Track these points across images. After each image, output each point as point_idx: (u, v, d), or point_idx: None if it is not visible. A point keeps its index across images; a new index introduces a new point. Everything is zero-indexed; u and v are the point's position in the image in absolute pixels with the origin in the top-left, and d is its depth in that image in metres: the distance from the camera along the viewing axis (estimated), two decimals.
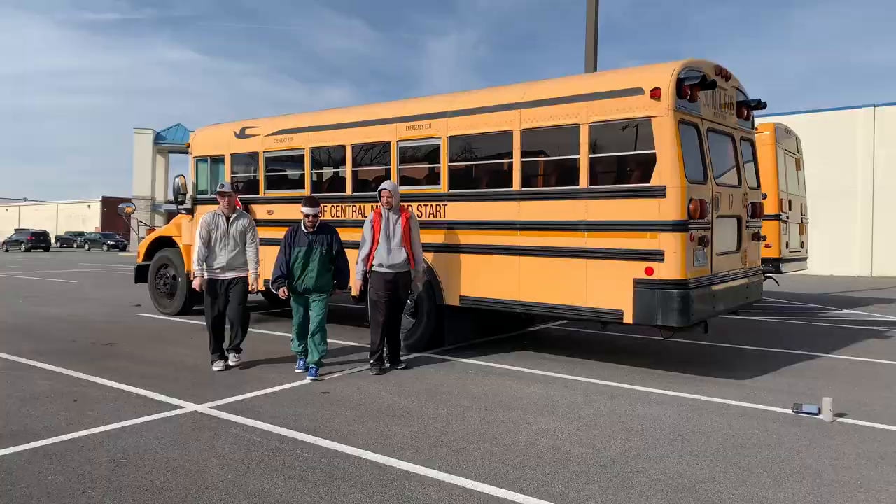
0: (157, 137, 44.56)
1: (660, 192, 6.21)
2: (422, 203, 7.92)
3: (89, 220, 71.06)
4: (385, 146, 8.32)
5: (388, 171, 8.30)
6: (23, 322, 10.27)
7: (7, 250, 48.95)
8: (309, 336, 6.67)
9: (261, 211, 9.70)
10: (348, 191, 8.70)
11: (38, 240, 49.69)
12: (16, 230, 55.56)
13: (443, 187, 7.78)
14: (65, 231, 65.95)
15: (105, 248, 51.75)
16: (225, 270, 6.94)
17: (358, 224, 7.91)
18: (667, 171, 6.18)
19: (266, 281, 8.42)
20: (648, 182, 6.32)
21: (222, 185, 7.02)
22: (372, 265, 6.86)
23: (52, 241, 55.34)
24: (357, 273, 6.94)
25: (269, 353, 7.84)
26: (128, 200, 38.93)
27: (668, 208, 6.19)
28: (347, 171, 8.71)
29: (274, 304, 12.09)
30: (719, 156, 7.09)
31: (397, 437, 4.81)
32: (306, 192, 9.09)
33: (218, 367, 6.88)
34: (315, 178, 9.31)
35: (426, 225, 7.78)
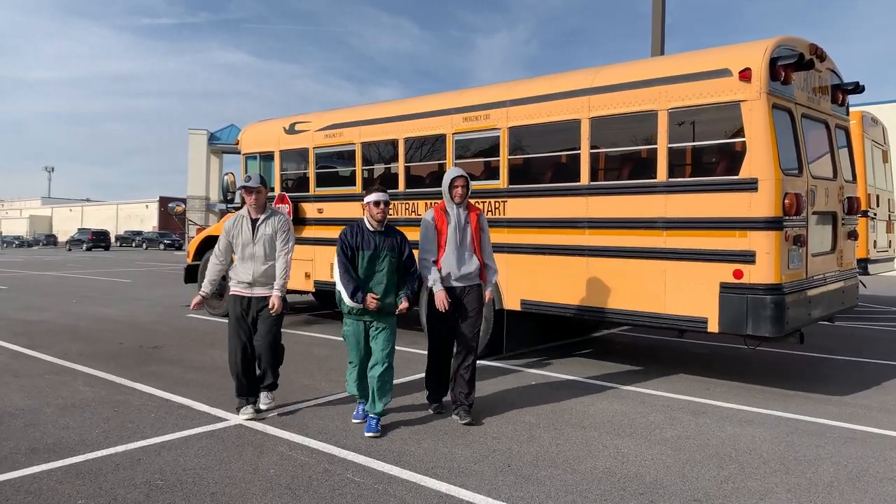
0: (212, 138, 45.12)
1: (751, 185, 5.52)
2: (479, 200, 7.38)
3: (147, 219, 73.04)
4: (440, 139, 7.81)
5: (442, 167, 7.80)
6: (72, 322, 10.16)
7: (70, 249, 50.58)
8: (371, 375, 4.95)
9: (311, 209, 9.33)
10: (401, 187, 8.23)
11: (99, 239, 51.31)
12: (78, 230, 57.45)
13: (502, 182, 7.23)
14: (124, 230, 67.91)
15: (161, 246, 53.03)
16: (253, 286, 5.25)
17: (412, 223, 7.43)
18: (759, 161, 5.49)
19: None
20: (737, 174, 5.63)
21: (248, 178, 5.32)
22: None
23: (112, 240, 56.96)
24: (430, 282, 5.16)
25: (319, 358, 7.44)
26: (181, 200, 39.56)
27: (761, 203, 5.49)
28: (400, 166, 8.24)
29: (325, 305, 11.74)
30: (813, 145, 6.35)
31: (458, 459, 4.30)
32: (357, 189, 8.68)
33: (246, 414, 5.18)
34: (366, 174, 8.87)
35: None
